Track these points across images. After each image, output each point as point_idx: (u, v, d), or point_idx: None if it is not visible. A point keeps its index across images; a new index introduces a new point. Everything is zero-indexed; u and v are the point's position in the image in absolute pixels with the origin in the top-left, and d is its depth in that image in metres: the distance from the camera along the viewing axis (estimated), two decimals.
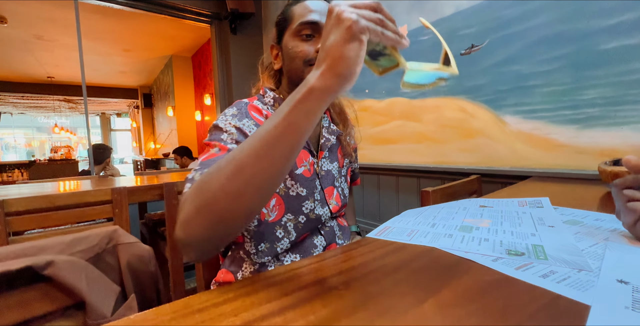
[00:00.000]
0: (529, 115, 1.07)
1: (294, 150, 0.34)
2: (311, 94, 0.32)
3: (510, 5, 1.09)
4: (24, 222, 1.04)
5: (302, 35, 0.59)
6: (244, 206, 0.34)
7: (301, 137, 0.34)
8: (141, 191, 1.34)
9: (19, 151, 10.44)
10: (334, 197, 0.68)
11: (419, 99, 1.44)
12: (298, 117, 0.32)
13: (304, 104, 0.32)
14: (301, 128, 0.33)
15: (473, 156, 1.23)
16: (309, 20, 0.58)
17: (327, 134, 0.69)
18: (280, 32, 0.65)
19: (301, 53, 0.59)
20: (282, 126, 0.33)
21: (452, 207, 0.66)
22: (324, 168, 0.68)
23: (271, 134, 0.33)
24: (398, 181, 1.54)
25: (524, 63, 1.07)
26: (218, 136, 0.53)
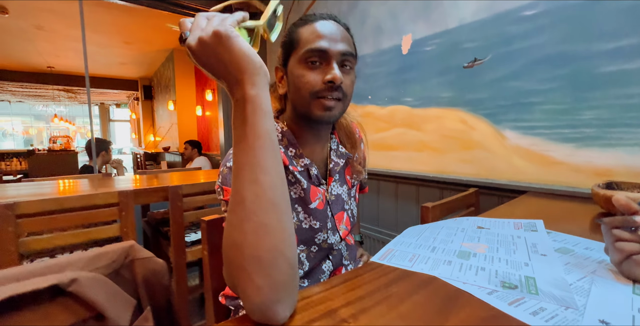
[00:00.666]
0: (528, 131, 1.10)
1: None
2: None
3: (514, 22, 1.11)
4: (34, 224, 1.08)
5: (308, 63, 0.56)
6: (278, 246, 0.34)
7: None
8: (147, 193, 1.37)
9: (16, 139, 10.39)
10: (343, 221, 0.68)
11: (420, 108, 1.46)
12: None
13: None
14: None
15: (472, 167, 1.27)
16: (317, 48, 0.55)
17: (336, 157, 0.68)
18: (285, 54, 0.61)
19: (307, 84, 0.55)
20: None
21: (451, 228, 0.69)
22: (334, 192, 0.67)
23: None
24: (397, 188, 1.58)
25: (525, 80, 1.09)
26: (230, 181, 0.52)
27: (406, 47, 1.51)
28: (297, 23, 0.60)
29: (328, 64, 0.56)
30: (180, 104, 5.10)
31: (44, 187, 1.45)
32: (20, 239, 1.05)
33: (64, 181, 1.62)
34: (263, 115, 0.37)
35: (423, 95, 1.44)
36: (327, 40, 0.55)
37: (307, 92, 0.56)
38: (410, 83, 1.50)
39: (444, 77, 1.35)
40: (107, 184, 1.57)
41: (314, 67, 0.56)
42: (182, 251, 1.36)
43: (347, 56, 0.57)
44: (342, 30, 0.58)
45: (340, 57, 0.56)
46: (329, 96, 0.56)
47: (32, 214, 1.07)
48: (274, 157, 0.37)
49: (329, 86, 0.55)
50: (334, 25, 0.58)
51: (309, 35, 0.56)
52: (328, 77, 0.54)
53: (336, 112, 0.58)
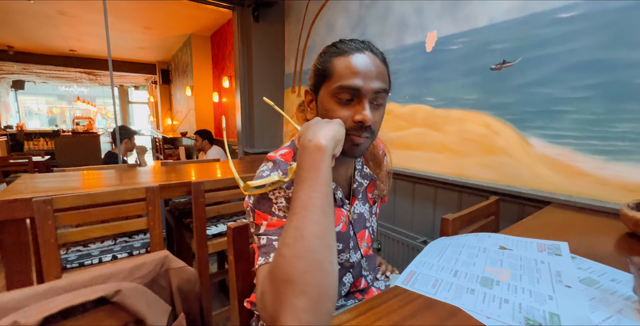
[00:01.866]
0: (555, 140, 1.07)
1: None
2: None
3: (549, 24, 1.06)
4: (69, 218, 1.14)
5: (339, 98, 0.55)
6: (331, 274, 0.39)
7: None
8: (170, 188, 1.43)
9: (41, 117, 10.80)
10: (365, 239, 0.70)
11: (442, 109, 1.44)
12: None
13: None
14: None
15: (493, 173, 1.25)
16: (350, 86, 0.53)
17: (360, 178, 0.68)
18: (317, 81, 0.59)
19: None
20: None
21: (473, 246, 0.70)
22: (356, 211, 0.68)
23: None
24: (414, 188, 1.58)
25: (556, 87, 1.06)
26: (269, 209, 0.54)
27: (430, 45, 1.46)
28: (332, 51, 0.58)
29: (359, 102, 0.55)
30: (197, 89, 5.13)
31: (75, 179, 1.52)
32: (58, 231, 1.12)
33: (92, 173, 1.69)
34: (329, 166, 0.45)
35: (446, 95, 1.41)
36: (361, 77, 0.54)
37: None
38: (432, 82, 1.47)
39: (469, 78, 1.31)
40: (133, 176, 1.63)
41: (344, 103, 0.55)
42: (205, 244, 1.42)
43: (380, 93, 0.56)
44: (377, 65, 0.56)
45: (372, 95, 0.55)
46: (357, 135, 0.56)
47: (67, 208, 1.14)
48: (331, 202, 0.44)
49: (358, 126, 0.55)
50: (370, 59, 0.56)
51: (343, 69, 0.55)
52: (358, 118, 0.54)
53: (363, 147, 0.58)
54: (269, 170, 0.57)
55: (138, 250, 1.31)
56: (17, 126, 7.61)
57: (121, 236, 1.41)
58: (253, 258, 0.79)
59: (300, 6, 2.49)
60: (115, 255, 1.26)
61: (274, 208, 0.53)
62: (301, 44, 2.53)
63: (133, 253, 1.29)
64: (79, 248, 1.29)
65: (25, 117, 10.12)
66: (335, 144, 0.49)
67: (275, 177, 0.52)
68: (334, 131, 0.49)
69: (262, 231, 0.52)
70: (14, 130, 7.09)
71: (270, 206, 0.53)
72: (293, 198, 0.44)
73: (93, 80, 8.73)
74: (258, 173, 0.58)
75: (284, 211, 0.53)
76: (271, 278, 0.39)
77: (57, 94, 10.81)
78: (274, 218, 0.53)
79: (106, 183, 1.46)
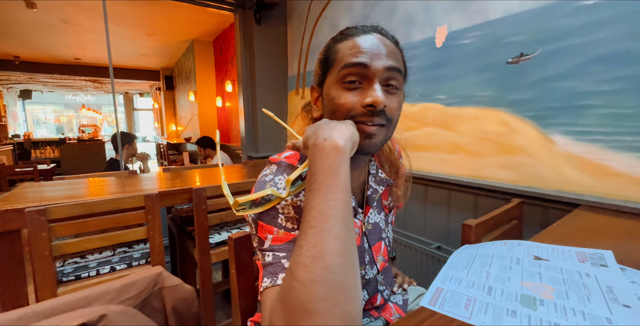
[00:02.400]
0: (581, 137, 0.99)
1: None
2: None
3: (570, 14, 0.99)
4: (64, 228, 1.08)
5: (345, 82, 0.48)
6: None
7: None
8: (171, 196, 1.37)
9: (49, 126, 10.91)
10: (381, 252, 0.62)
11: (455, 107, 1.36)
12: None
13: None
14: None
15: (512, 174, 1.17)
16: (355, 63, 0.47)
17: (375, 183, 0.60)
18: (322, 73, 0.54)
19: (343, 106, 0.48)
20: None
21: (503, 257, 0.62)
22: (371, 221, 0.61)
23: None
24: (427, 191, 1.50)
25: (580, 80, 0.98)
26: (274, 219, 0.46)
27: (440, 40, 1.39)
28: (335, 38, 0.53)
29: (369, 84, 0.48)
30: (200, 94, 5.11)
31: (74, 187, 1.47)
32: (53, 243, 1.07)
33: (92, 181, 1.64)
34: (348, 169, 0.40)
35: (458, 93, 1.34)
36: (368, 55, 0.47)
37: (342, 117, 0.49)
38: (443, 79, 1.40)
39: (483, 74, 1.24)
40: (133, 183, 1.58)
41: (351, 87, 0.48)
42: (207, 253, 1.36)
43: (392, 71, 0.48)
44: (388, 44, 0.50)
45: (384, 74, 0.48)
46: (369, 122, 0.48)
47: (63, 218, 1.08)
48: (351, 212, 0.37)
49: (369, 110, 0.47)
50: (378, 39, 0.49)
51: (348, 49, 0.49)
52: (368, 101, 0.46)
53: (378, 140, 0.50)
54: (273, 174, 0.50)
55: (137, 261, 1.25)
56: (24, 134, 7.68)
57: (120, 246, 1.35)
58: (257, 273, 0.72)
59: (302, 7, 2.44)
60: (114, 267, 1.20)
61: (281, 219, 0.46)
62: (304, 46, 2.48)
63: (132, 264, 1.23)
64: (76, 259, 1.23)
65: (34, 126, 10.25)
66: (352, 145, 0.43)
67: (269, 191, 0.44)
68: (350, 131, 0.43)
69: (267, 247, 0.45)
70: (21, 139, 7.15)
71: (276, 216, 0.46)
72: (307, 208, 0.37)
73: (98, 88, 8.80)
74: (259, 179, 0.51)
75: (292, 222, 0.46)
76: (283, 306, 0.32)
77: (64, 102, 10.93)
78: (280, 231, 0.45)
79: (105, 191, 1.40)
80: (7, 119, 7.51)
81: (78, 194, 1.31)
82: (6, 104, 7.63)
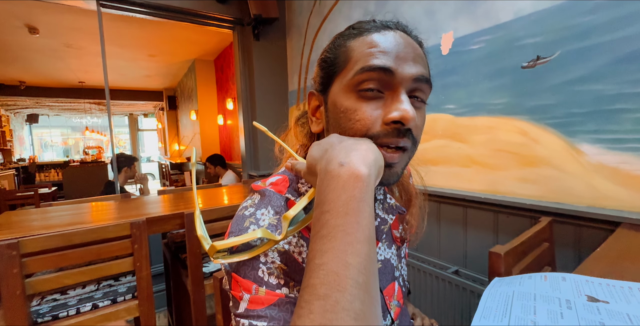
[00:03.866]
0: (615, 145, 0.87)
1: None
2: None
3: (590, 12, 0.89)
4: (40, 263, 0.98)
5: (361, 90, 0.37)
6: None
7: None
8: (161, 222, 1.26)
9: (56, 149, 11.04)
10: (395, 296, 0.50)
11: (466, 117, 1.26)
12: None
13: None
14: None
15: (536, 188, 1.05)
16: (377, 66, 0.36)
17: (383, 212, 0.48)
18: (326, 76, 0.42)
19: (360, 122, 0.37)
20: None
21: (549, 297, 0.50)
22: (380, 257, 0.49)
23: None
24: (439, 208, 1.38)
25: (609, 82, 0.87)
26: (253, 271, 0.34)
27: (446, 47, 1.31)
28: (346, 34, 0.42)
29: (393, 94, 0.37)
30: (202, 113, 5.10)
31: (57, 215, 1.37)
32: (26, 281, 0.96)
33: (80, 207, 1.55)
34: (372, 207, 0.29)
35: (469, 101, 1.24)
36: (392, 57, 0.36)
37: (357, 135, 0.37)
38: (452, 88, 1.30)
39: (496, 80, 1.14)
40: (123, 208, 1.48)
41: (370, 97, 0.37)
42: (201, 284, 1.23)
43: (420, 82, 0.38)
44: (415, 46, 0.39)
45: (410, 85, 0.37)
46: (392, 144, 0.37)
47: (37, 252, 0.97)
48: (377, 275, 0.27)
49: (394, 129, 0.36)
50: (403, 38, 0.38)
51: (364, 49, 0.37)
52: (394, 116, 0.35)
53: (399, 168, 0.39)
54: (255, 206, 0.39)
55: (123, 296, 1.13)
56: (29, 158, 7.73)
57: (106, 279, 1.24)
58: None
59: (301, 21, 2.41)
60: (96, 304, 1.08)
61: (262, 271, 0.34)
62: (304, 60, 2.43)
63: (117, 300, 1.11)
64: (55, 296, 1.12)
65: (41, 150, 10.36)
66: (378, 173, 0.32)
67: (259, 233, 0.32)
68: (374, 152, 0.32)
69: (242, 312, 0.33)
70: (26, 162, 7.18)
71: (256, 267, 0.34)
72: (313, 264, 0.26)
73: (103, 110, 8.91)
74: (238, 212, 0.40)
75: (278, 275, 0.34)
76: None
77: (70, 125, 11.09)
78: (261, 289, 0.34)
79: (90, 218, 1.30)
80: (14, 144, 7.58)
81: (59, 223, 1.21)
82: (13, 128, 7.73)
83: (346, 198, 0.28)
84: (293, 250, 0.37)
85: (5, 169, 5.68)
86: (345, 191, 0.28)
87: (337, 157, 0.31)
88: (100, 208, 1.53)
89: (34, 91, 6.42)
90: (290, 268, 0.35)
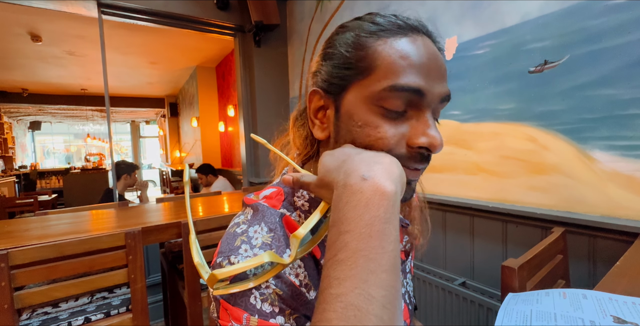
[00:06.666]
0: (629, 152, 0.84)
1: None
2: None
3: (600, 14, 0.87)
4: (30, 275, 0.94)
5: (385, 108, 0.33)
6: None
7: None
8: (157, 231, 1.23)
9: (58, 156, 11.05)
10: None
11: (472, 123, 1.23)
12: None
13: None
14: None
15: (547, 197, 1.01)
16: (412, 88, 0.32)
17: None
18: (340, 78, 0.35)
19: (381, 142, 0.33)
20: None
21: (571, 319, 0.46)
22: None
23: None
24: (445, 217, 1.34)
25: (622, 86, 0.84)
26: (245, 300, 0.30)
27: (450, 52, 1.29)
28: (367, 29, 0.35)
29: (419, 115, 0.33)
30: (203, 120, 5.09)
31: (51, 224, 1.34)
32: (15, 294, 0.92)
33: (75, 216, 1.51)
34: (398, 229, 0.26)
35: (475, 107, 1.21)
36: (424, 74, 0.32)
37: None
38: (457, 94, 1.27)
39: (502, 86, 1.11)
40: (119, 217, 1.44)
41: (393, 116, 0.33)
42: (198, 297, 1.19)
43: (445, 101, 0.35)
44: (440, 57, 0.35)
45: (436, 104, 0.34)
46: (412, 167, 0.34)
47: (28, 263, 0.94)
48: (401, 310, 0.24)
49: (419, 154, 0.34)
50: (430, 47, 0.34)
51: (394, 59, 0.32)
52: (423, 142, 0.32)
53: (415, 185, 0.37)
54: (247, 223, 0.35)
55: (117, 309, 1.08)
56: (31, 165, 7.72)
57: (100, 291, 1.19)
58: None
59: (302, 27, 2.40)
60: (89, 317, 1.04)
61: (254, 298, 0.30)
62: (305, 66, 2.41)
63: (111, 314, 1.07)
64: (46, 309, 1.07)
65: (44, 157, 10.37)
66: (402, 190, 0.29)
67: (266, 257, 0.28)
68: (398, 167, 0.29)
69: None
70: (27, 169, 7.17)
71: (248, 292, 0.30)
72: (328, 295, 0.22)
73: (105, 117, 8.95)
74: (229, 229, 0.36)
75: (272, 302, 0.30)
76: None
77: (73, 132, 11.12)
78: (253, 318, 0.29)
79: (84, 228, 1.27)
80: (16, 151, 7.58)
81: (52, 233, 1.18)
82: (15, 135, 7.75)
83: (370, 218, 0.24)
84: (289, 272, 0.33)
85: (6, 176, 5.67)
86: (369, 210, 0.25)
87: (358, 169, 0.27)
88: (97, 216, 1.49)
89: (36, 98, 6.45)
90: (286, 293, 0.31)
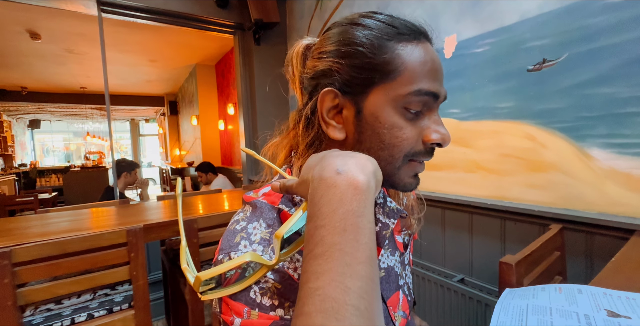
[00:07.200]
0: (627, 150, 0.85)
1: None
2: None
3: (599, 13, 0.87)
4: (33, 272, 0.95)
5: (409, 110, 0.37)
6: None
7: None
8: (158, 229, 1.23)
9: (57, 154, 11.04)
10: (400, 305, 0.47)
11: (471, 121, 1.23)
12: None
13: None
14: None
15: (545, 194, 1.02)
16: (433, 92, 0.36)
17: (384, 216, 0.44)
18: (361, 79, 0.37)
19: (406, 142, 0.37)
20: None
21: (566, 313, 0.47)
22: (383, 265, 0.45)
23: None
24: (444, 215, 1.35)
25: (620, 85, 0.85)
26: (245, 294, 0.31)
27: (450, 50, 1.29)
28: (387, 31, 0.37)
29: (430, 114, 0.39)
30: (203, 118, 5.09)
31: (54, 222, 1.35)
32: (18, 291, 0.93)
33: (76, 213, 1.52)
34: (373, 221, 0.26)
35: (474, 105, 1.22)
36: (438, 79, 0.38)
37: (402, 153, 0.38)
38: (456, 92, 1.28)
39: (501, 84, 1.12)
40: (120, 215, 1.45)
41: (411, 117, 0.38)
42: None
43: (444, 100, 0.41)
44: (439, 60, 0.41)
45: (440, 104, 0.41)
46: (422, 160, 0.40)
47: (30, 260, 0.95)
48: (380, 299, 0.24)
49: (431, 148, 0.39)
50: (434, 52, 0.40)
51: (417, 64, 0.36)
52: (436, 138, 0.38)
53: (419, 180, 0.42)
54: (246, 220, 0.36)
55: (119, 305, 1.09)
56: (30, 163, 7.72)
57: (102, 288, 1.20)
58: None
59: (302, 26, 2.40)
60: (92, 313, 1.05)
61: (254, 292, 0.31)
62: None
63: (113, 310, 1.08)
64: (49, 306, 1.09)
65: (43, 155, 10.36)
66: (376, 185, 0.29)
67: (247, 257, 0.28)
68: (373, 164, 0.30)
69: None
70: (27, 168, 7.17)
71: (248, 287, 0.31)
72: (307, 289, 0.23)
73: (105, 115, 8.95)
74: (229, 227, 0.37)
75: (271, 296, 0.32)
76: None
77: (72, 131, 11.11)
78: (254, 312, 0.31)
79: (85, 226, 1.28)
80: (15, 149, 7.58)
81: (54, 231, 1.18)
82: (14, 133, 7.74)
83: (343, 212, 0.25)
84: (288, 266, 0.34)
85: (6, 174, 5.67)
86: (343, 205, 0.25)
87: (333, 164, 0.28)
88: (98, 214, 1.50)
89: (35, 96, 6.44)
90: (285, 287, 0.32)
